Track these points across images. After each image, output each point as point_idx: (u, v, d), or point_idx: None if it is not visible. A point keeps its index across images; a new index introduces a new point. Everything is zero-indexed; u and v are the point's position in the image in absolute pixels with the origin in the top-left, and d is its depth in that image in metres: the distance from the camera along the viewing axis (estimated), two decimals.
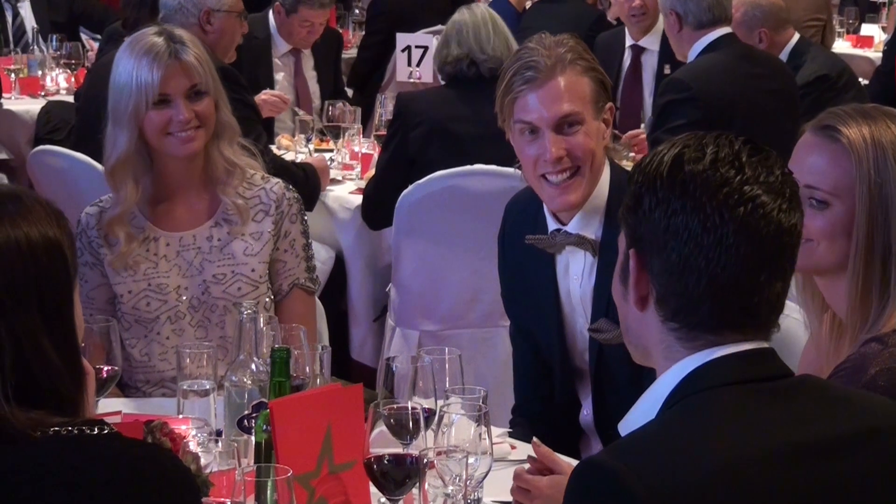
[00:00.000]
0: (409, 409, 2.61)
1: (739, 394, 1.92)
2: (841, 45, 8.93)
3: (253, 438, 2.68)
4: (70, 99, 7.01)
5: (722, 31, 5.59)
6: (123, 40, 3.63)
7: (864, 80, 7.17)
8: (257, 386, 2.84)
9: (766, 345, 1.98)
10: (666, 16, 5.74)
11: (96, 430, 1.92)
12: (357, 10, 9.88)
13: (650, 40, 6.58)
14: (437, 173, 4.88)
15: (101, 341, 3.04)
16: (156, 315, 3.52)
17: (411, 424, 2.58)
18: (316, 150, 6.13)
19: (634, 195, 1.98)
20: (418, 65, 6.58)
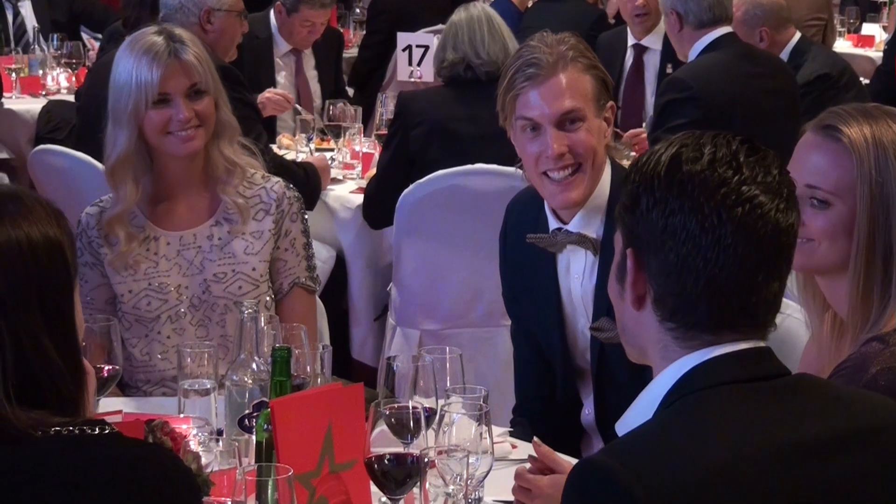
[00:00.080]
0: (410, 408, 2.60)
1: (736, 393, 1.92)
2: (842, 45, 8.93)
3: (254, 438, 2.68)
4: (71, 98, 7.01)
5: (722, 30, 5.58)
6: (124, 40, 3.62)
7: (864, 79, 7.17)
8: (258, 385, 2.84)
9: (763, 344, 1.98)
10: (666, 15, 5.73)
11: (97, 430, 1.92)
12: (358, 9, 9.88)
13: (652, 39, 6.57)
14: (438, 173, 4.88)
15: (102, 341, 3.04)
16: (156, 314, 3.52)
17: (412, 424, 2.58)
18: (317, 149, 6.12)
19: (631, 194, 1.98)
20: (419, 64, 6.57)
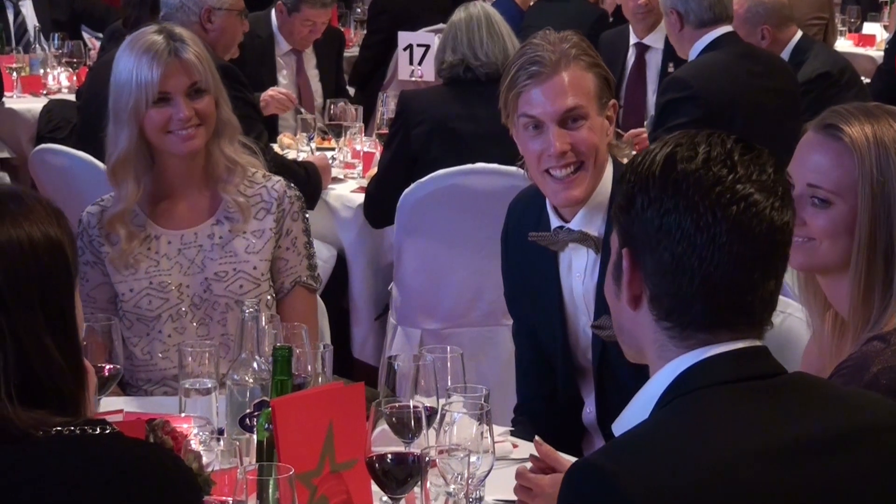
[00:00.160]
0: (411, 407, 2.60)
1: (732, 392, 1.91)
2: (843, 44, 8.92)
3: (255, 437, 2.68)
4: (72, 97, 7.01)
5: (723, 29, 5.58)
6: (124, 39, 3.62)
7: (865, 78, 7.16)
8: (259, 384, 2.84)
9: (760, 343, 1.97)
10: (667, 15, 5.73)
11: (98, 430, 1.92)
12: (359, 8, 9.88)
13: (654, 38, 6.55)
14: (439, 172, 4.88)
15: (103, 340, 3.04)
16: (157, 313, 3.52)
17: (413, 423, 2.58)
18: (318, 148, 6.12)
19: (627, 194, 1.98)
20: (420, 63, 6.56)
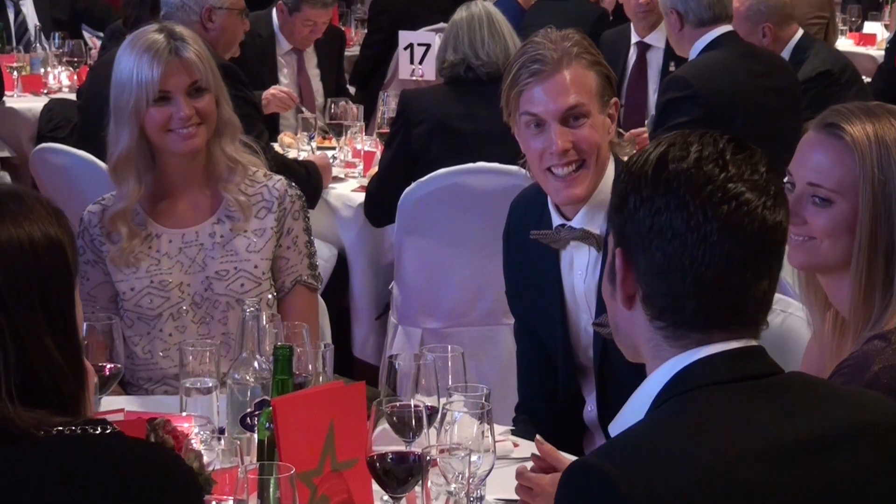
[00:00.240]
0: (412, 406, 2.60)
1: (728, 392, 1.91)
2: (844, 43, 8.92)
3: (255, 436, 2.68)
4: (72, 97, 7.01)
5: (723, 28, 5.58)
6: (125, 38, 3.62)
7: (866, 77, 7.16)
8: (260, 383, 2.84)
9: (755, 343, 1.97)
10: (667, 14, 5.72)
11: (99, 430, 1.92)
12: (359, 7, 9.88)
13: (656, 37, 6.54)
14: (440, 171, 4.88)
15: (104, 339, 3.04)
16: (158, 312, 3.52)
17: (414, 422, 2.58)
18: (318, 147, 6.12)
19: (620, 194, 1.98)
20: (420, 62, 6.56)
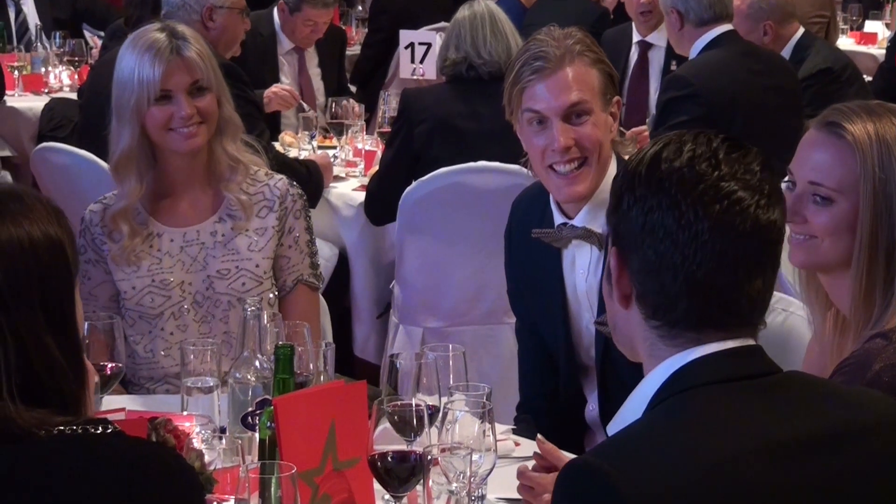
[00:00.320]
0: (413, 405, 2.60)
1: (724, 392, 1.91)
2: (844, 42, 8.91)
3: (257, 435, 2.68)
4: (73, 96, 7.01)
5: (723, 28, 5.58)
6: (126, 37, 3.63)
7: (867, 76, 7.16)
8: (261, 383, 2.84)
9: (752, 342, 1.96)
10: (667, 14, 5.72)
11: (100, 429, 1.92)
12: (360, 7, 9.88)
13: (658, 36, 6.54)
14: (441, 170, 4.87)
15: (105, 338, 3.04)
16: (159, 311, 3.52)
17: (415, 421, 2.58)
18: (319, 147, 6.12)
19: (616, 194, 2.00)
20: (421, 62, 6.56)
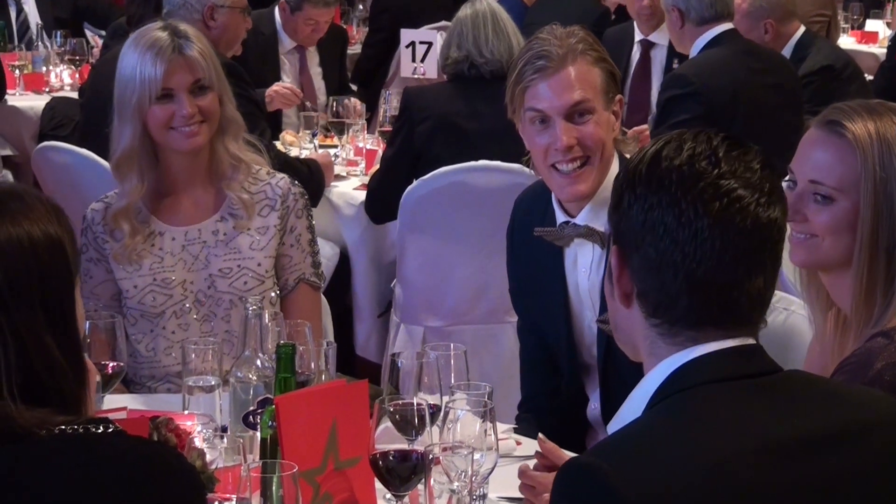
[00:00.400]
0: (415, 405, 2.60)
1: (724, 391, 1.91)
2: (845, 41, 8.92)
3: (258, 434, 2.68)
4: (74, 95, 7.00)
5: (724, 26, 5.58)
6: (127, 36, 3.63)
7: (868, 75, 7.17)
8: (262, 382, 2.84)
9: (752, 341, 1.96)
10: (668, 12, 5.73)
11: (101, 429, 1.92)
12: (361, 6, 9.88)
13: (659, 35, 6.54)
14: (442, 169, 4.87)
15: (107, 337, 3.04)
16: (161, 310, 3.52)
17: (416, 420, 2.58)
18: (320, 146, 6.12)
19: (617, 192, 1.99)
20: (422, 61, 6.56)
